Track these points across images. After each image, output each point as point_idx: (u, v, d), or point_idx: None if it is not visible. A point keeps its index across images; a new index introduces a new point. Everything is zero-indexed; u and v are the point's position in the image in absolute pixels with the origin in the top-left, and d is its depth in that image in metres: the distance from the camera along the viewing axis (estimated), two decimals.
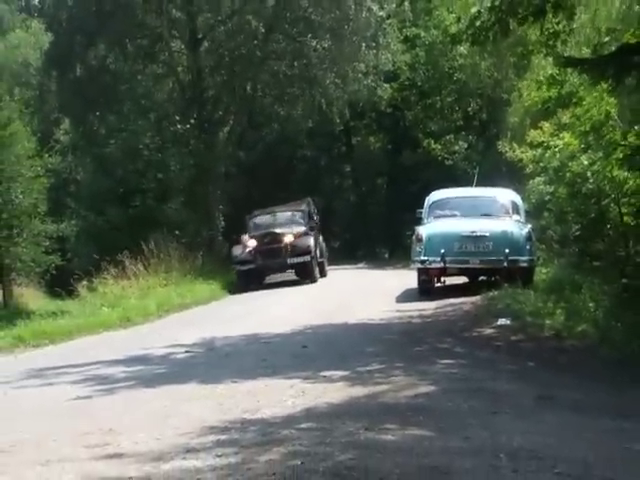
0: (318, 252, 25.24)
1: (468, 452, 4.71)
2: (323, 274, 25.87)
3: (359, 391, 6.87)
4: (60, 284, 32.76)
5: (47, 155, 35.04)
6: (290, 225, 25.15)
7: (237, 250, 24.83)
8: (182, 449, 4.92)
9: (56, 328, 15.46)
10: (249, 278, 23.94)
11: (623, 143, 13.98)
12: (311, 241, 24.24)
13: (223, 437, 5.23)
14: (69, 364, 10.00)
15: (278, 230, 24.53)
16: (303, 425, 5.50)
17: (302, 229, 25.04)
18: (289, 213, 26.47)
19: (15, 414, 7.00)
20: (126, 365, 9.45)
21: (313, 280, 23.90)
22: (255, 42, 30.29)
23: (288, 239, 23.90)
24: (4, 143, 30.30)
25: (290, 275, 25.36)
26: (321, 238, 27.28)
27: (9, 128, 30.60)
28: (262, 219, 26.18)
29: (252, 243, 24.01)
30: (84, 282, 27.42)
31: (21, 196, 30.13)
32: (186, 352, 10.47)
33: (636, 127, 14.01)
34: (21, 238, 30.91)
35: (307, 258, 23.79)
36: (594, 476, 4.27)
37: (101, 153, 33.06)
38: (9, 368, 10.56)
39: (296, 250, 23.76)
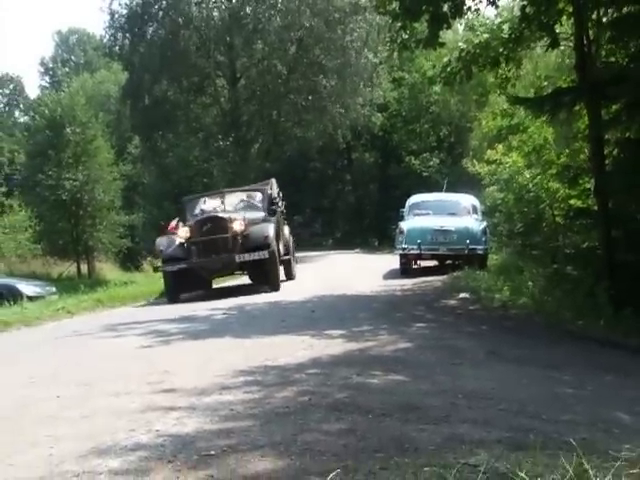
0: (282, 247, 15.47)
1: (434, 393, 4.72)
2: (290, 276, 16.54)
3: (353, 346, 6.86)
4: (130, 261, 33.08)
5: (122, 164, 35.22)
6: (242, 210, 14.96)
7: (163, 242, 14.34)
8: (219, 387, 4.93)
9: (126, 294, 15.50)
10: (181, 283, 13.91)
11: (557, 162, 13.98)
12: (270, 230, 13.97)
13: (250, 378, 5.24)
14: (135, 321, 10.02)
15: (223, 214, 14.27)
16: (310, 371, 5.51)
17: (259, 214, 14.86)
18: (243, 195, 16.03)
19: (95, 358, 7.03)
20: (178, 323, 9.47)
21: (274, 287, 13.97)
22: (279, 80, 30.36)
23: (237, 227, 13.71)
24: (90, 154, 30.39)
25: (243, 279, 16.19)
26: (287, 229, 17.43)
27: (94, 143, 30.74)
28: (205, 203, 15.75)
29: (185, 232, 13.91)
30: (148, 259, 27.53)
31: (102, 194, 30.29)
32: (223, 314, 10.47)
33: (567, 150, 14.00)
34: (102, 226, 31.08)
35: (265, 254, 13.46)
36: (527, 411, 4.28)
37: (162, 163, 33.28)
38: (91, 323, 10.59)
39: (249, 242, 13.70)
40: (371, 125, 35.00)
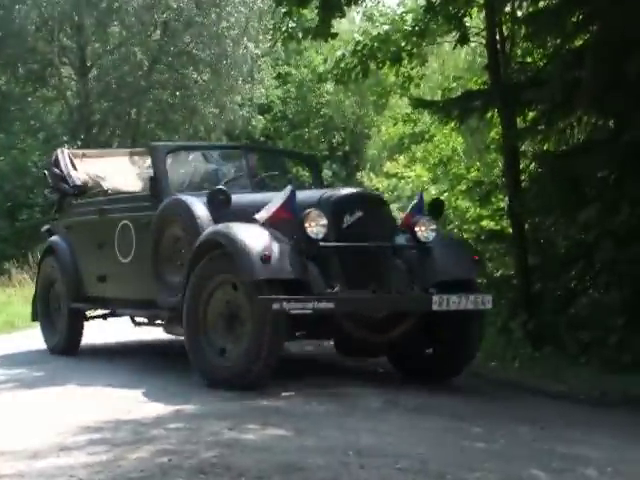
0: None
1: (321, 450, 4.74)
2: None
3: (225, 394, 6.80)
4: None
5: None
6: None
7: (262, 238, 6.30)
8: (56, 447, 4.79)
9: None
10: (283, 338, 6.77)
11: (467, 177, 14.44)
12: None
13: (96, 436, 5.12)
14: None
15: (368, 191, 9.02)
16: (172, 425, 5.43)
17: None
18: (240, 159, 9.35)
19: None
20: (8, 368, 9.12)
21: (461, 366, 7.80)
22: (140, 72, 30.05)
23: (425, 226, 6.92)
24: None
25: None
26: None
27: None
28: (198, 162, 9.25)
29: (320, 219, 6.31)
30: None
31: None
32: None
33: (478, 163, 14.48)
34: None
35: (487, 302, 6.90)
36: (430, 470, 4.35)
37: None
38: None
39: (438, 265, 7.02)
40: (251, 129, 35.10)
